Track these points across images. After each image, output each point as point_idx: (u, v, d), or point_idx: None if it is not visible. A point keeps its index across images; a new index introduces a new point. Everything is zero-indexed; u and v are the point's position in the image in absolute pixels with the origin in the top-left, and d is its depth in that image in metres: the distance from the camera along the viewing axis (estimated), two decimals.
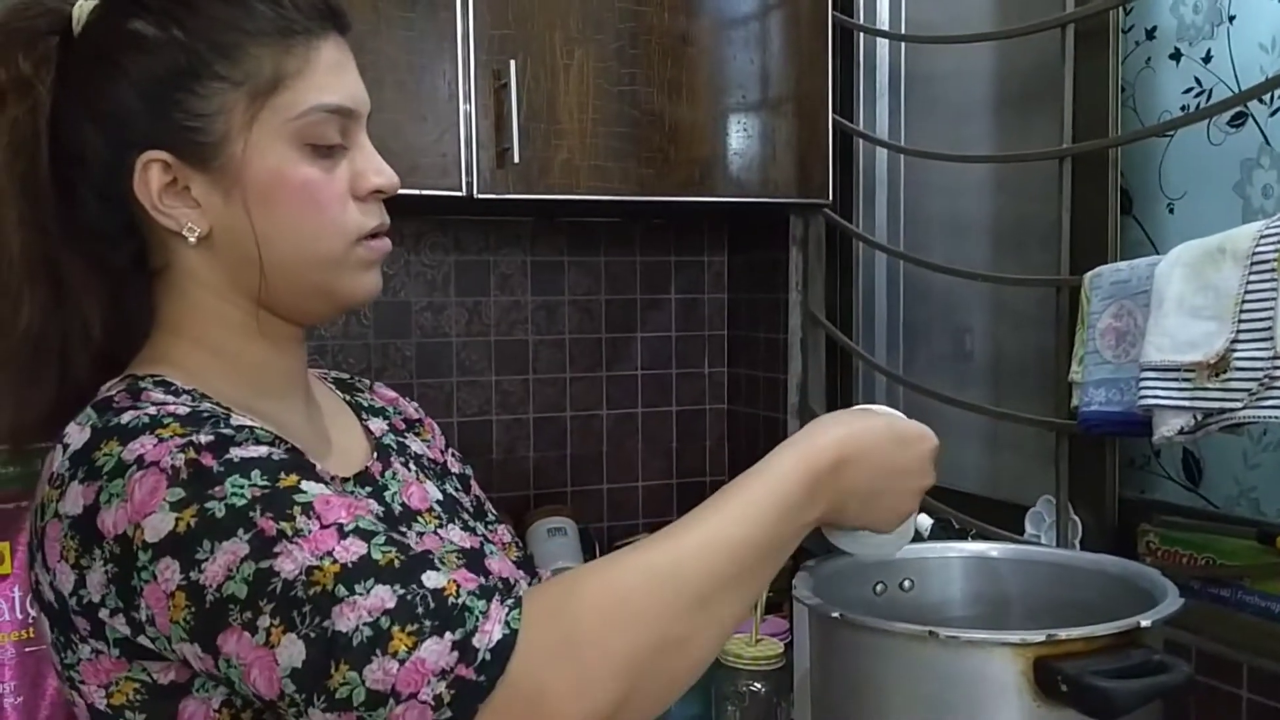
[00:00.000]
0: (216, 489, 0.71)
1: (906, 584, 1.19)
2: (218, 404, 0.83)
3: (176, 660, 0.74)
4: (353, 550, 0.69)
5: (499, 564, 0.97)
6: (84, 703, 0.79)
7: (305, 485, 0.73)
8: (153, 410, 0.76)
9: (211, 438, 0.74)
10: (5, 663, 1.49)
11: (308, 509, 0.71)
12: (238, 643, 0.69)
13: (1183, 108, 1.44)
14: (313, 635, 0.67)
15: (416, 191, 1.59)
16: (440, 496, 0.99)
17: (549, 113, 1.65)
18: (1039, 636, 0.91)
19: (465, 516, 1.01)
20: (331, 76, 0.85)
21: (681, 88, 1.74)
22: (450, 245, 2.02)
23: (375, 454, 0.98)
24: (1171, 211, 1.47)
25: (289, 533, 0.69)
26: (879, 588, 1.18)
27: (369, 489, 0.93)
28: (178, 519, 0.70)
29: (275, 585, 0.68)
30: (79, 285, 0.86)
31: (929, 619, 1.08)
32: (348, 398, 1.05)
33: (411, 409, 1.12)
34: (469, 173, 1.61)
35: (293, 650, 0.67)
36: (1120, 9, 1.49)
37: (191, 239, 0.84)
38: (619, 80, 1.70)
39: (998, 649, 0.92)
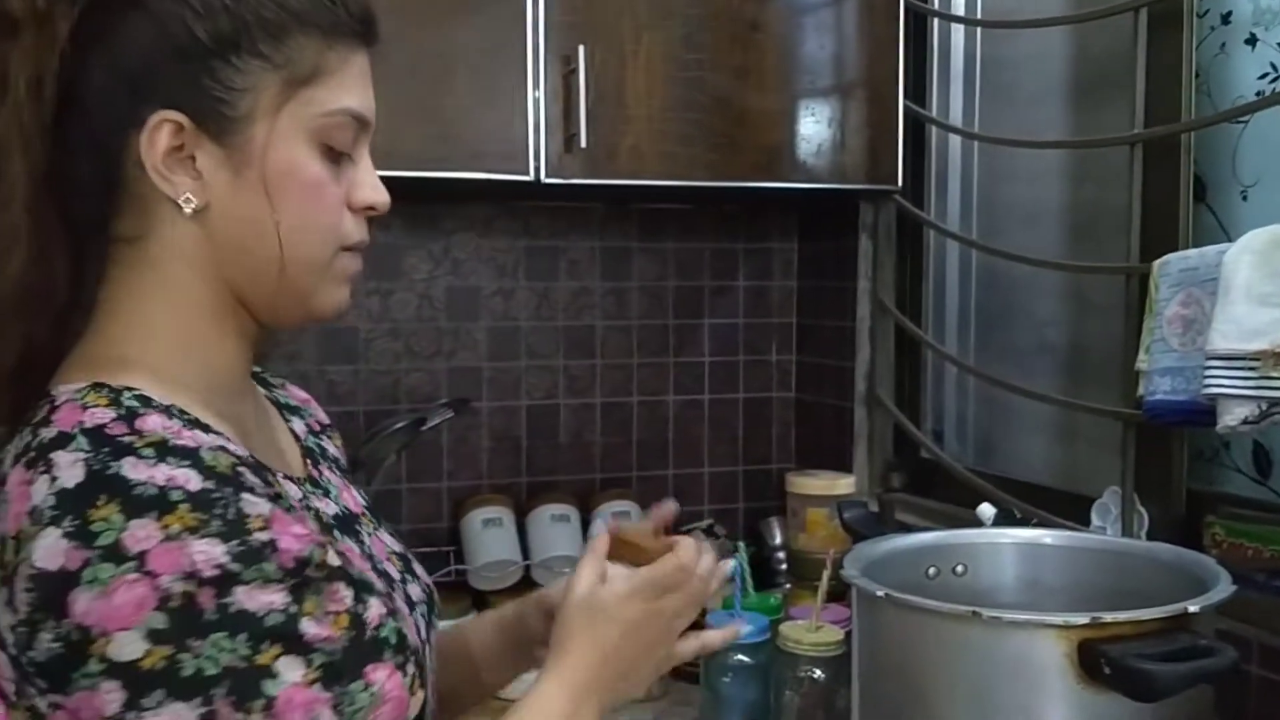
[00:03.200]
0: (197, 642, 0.70)
1: (959, 569, 1.19)
2: (196, 419, 0.79)
3: None
4: None
5: (420, 568, 1.01)
6: None
7: (280, 666, 0.72)
8: (161, 477, 0.72)
9: (218, 572, 0.71)
10: None
11: (269, 706, 0.71)
12: None
13: (1258, 93, 1.41)
14: None
15: (484, 175, 1.62)
16: (365, 501, 1.00)
17: (617, 98, 1.67)
18: (1083, 619, 0.91)
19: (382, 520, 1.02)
20: (360, 83, 0.85)
21: (750, 73, 1.75)
22: (520, 230, 2.05)
23: (305, 456, 0.98)
24: (1245, 199, 1.44)
25: None
26: (931, 571, 1.19)
27: (318, 490, 0.93)
28: (148, 652, 0.69)
29: None
30: (54, 238, 0.81)
31: (980, 603, 1.08)
32: (268, 394, 1.02)
33: (322, 413, 1.10)
34: (536, 158, 1.63)
35: None
36: None
37: (187, 210, 0.81)
38: (687, 66, 1.71)
39: (1041, 630, 0.92)
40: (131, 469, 0.72)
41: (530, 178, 1.64)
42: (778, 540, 2.11)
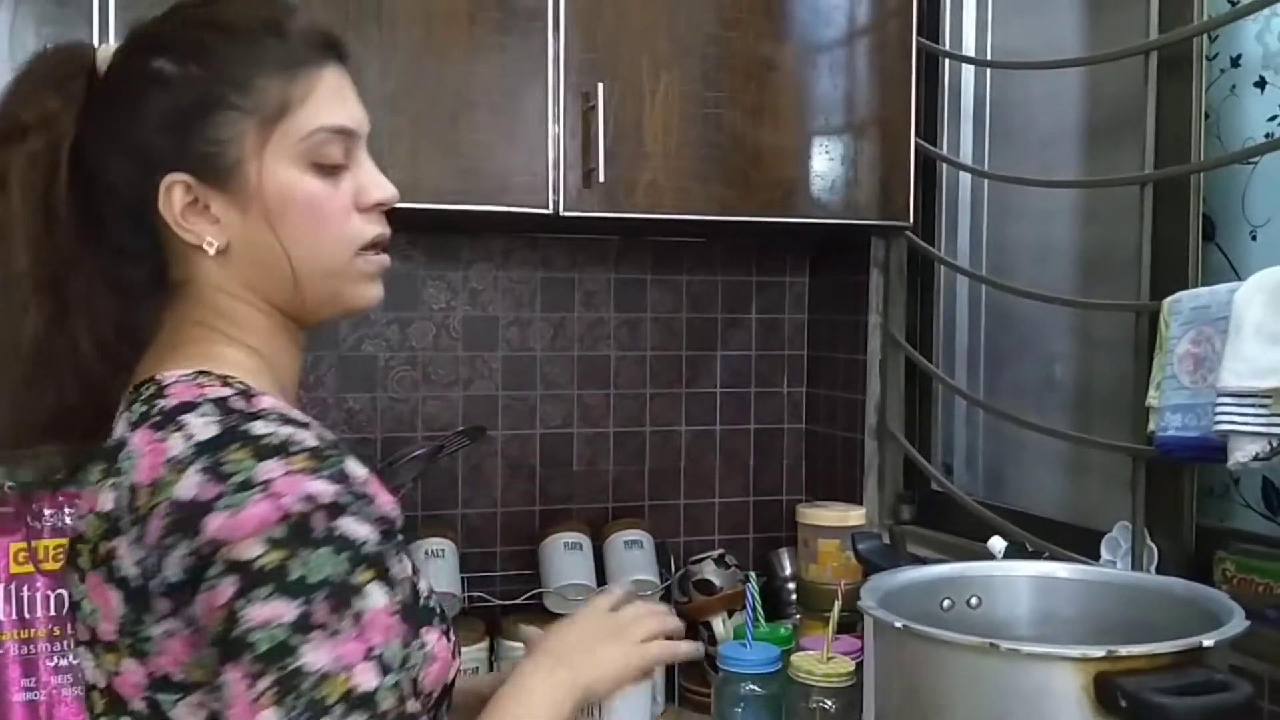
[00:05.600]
0: (306, 553, 0.79)
1: (974, 601, 1.21)
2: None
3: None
4: (367, 679, 0.78)
5: None
6: (144, 672, 0.84)
7: (371, 589, 0.81)
8: (283, 431, 0.83)
9: (331, 501, 0.81)
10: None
11: (358, 618, 0.79)
12: (237, 681, 0.77)
13: (1267, 135, 1.44)
14: None
15: (506, 209, 1.65)
16: None
17: (635, 135, 1.70)
18: (1099, 652, 0.93)
19: None
20: (333, 102, 0.94)
21: (764, 111, 1.78)
22: (538, 262, 2.08)
23: None
24: (1254, 239, 1.46)
25: (330, 627, 0.78)
26: (946, 604, 1.20)
27: None
28: (264, 554, 0.78)
29: (291, 664, 0.76)
30: (87, 299, 0.93)
31: (996, 636, 1.10)
32: None
33: None
34: (556, 192, 1.66)
35: None
36: (1204, 37, 1.49)
37: (211, 251, 0.92)
38: (704, 104, 1.74)
39: (1059, 663, 0.94)
40: (260, 427, 0.83)
41: (549, 211, 1.67)
42: (788, 571, 2.12)
